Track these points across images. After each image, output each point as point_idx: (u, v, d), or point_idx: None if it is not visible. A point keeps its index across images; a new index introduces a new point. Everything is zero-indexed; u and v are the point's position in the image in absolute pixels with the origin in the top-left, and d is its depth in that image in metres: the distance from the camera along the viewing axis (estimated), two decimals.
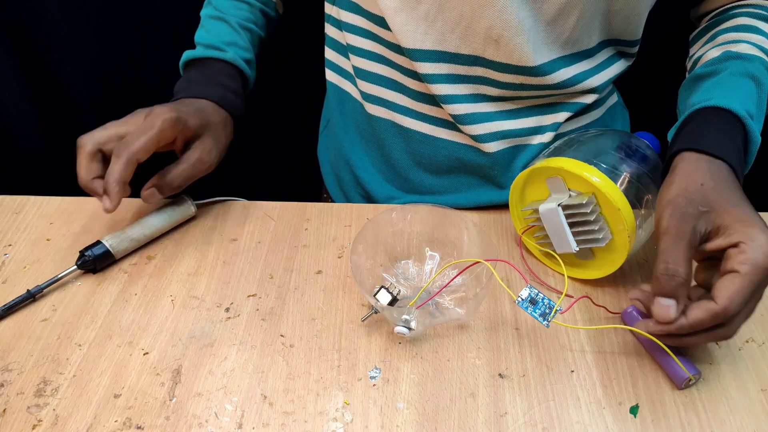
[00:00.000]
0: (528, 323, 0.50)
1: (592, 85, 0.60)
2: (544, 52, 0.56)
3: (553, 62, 0.57)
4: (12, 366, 0.47)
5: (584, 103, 0.62)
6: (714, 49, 0.57)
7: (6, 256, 0.56)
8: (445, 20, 0.55)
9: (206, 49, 0.65)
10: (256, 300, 0.53)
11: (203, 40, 0.66)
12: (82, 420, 0.43)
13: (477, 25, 0.54)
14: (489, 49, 0.55)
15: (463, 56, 0.57)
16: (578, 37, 0.56)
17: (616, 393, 0.45)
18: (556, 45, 0.56)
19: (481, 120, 0.60)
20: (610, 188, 0.48)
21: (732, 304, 0.40)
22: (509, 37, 0.53)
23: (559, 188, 0.52)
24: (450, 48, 0.56)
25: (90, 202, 0.63)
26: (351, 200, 0.73)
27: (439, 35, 0.56)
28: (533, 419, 0.44)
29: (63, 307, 0.52)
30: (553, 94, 0.60)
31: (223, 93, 0.63)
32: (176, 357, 0.48)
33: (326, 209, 0.62)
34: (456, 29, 0.55)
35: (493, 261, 0.47)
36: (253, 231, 0.60)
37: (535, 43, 0.54)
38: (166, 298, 0.53)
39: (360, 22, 0.62)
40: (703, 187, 0.44)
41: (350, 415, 0.44)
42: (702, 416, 0.44)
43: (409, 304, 0.48)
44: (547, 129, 0.62)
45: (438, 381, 0.46)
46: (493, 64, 0.57)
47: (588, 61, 0.59)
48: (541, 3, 0.52)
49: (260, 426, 0.43)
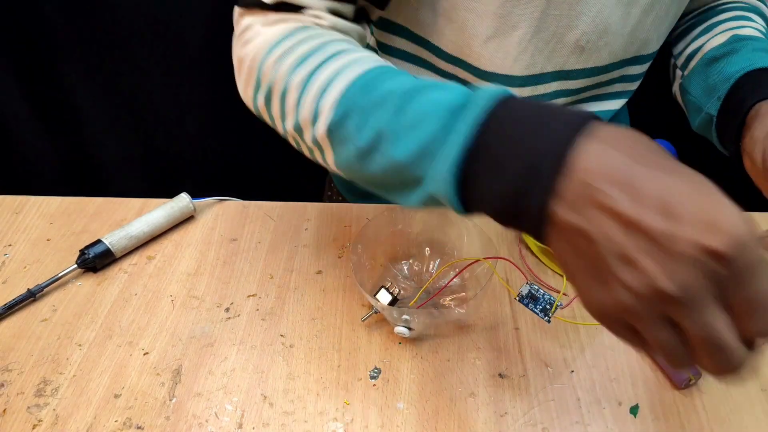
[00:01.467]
0: (528, 323, 0.50)
1: (633, 87, 0.62)
2: (618, 53, 0.56)
3: (623, 61, 0.57)
4: (12, 366, 0.47)
5: (623, 96, 0.63)
6: (717, 36, 0.57)
7: (6, 256, 0.56)
8: (537, 42, 0.52)
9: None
10: (256, 300, 0.53)
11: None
12: (82, 420, 0.43)
13: (568, 37, 0.52)
14: (572, 58, 0.54)
15: (546, 75, 0.55)
16: (649, 39, 0.56)
17: (616, 393, 0.45)
18: (632, 47, 0.56)
19: None
20: None
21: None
22: (595, 41, 0.53)
23: None
24: (535, 71, 0.54)
25: (90, 202, 0.63)
26: (358, 197, 0.73)
27: (529, 60, 0.53)
28: (533, 419, 0.44)
29: (63, 307, 0.52)
30: (605, 92, 0.61)
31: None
32: (176, 357, 0.48)
33: (326, 209, 0.62)
34: (545, 48, 0.52)
35: (492, 259, 0.47)
36: (253, 231, 0.60)
37: (613, 45, 0.54)
38: (166, 298, 0.53)
39: (415, 50, 0.58)
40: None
41: (350, 415, 0.44)
42: (702, 416, 0.44)
43: (409, 304, 0.48)
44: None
45: (438, 381, 0.46)
46: (571, 73, 0.56)
47: (644, 65, 0.60)
48: (631, 6, 0.51)
49: (260, 426, 0.43)
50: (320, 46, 0.40)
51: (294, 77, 0.39)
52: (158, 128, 1.04)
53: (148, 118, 1.03)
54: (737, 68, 0.52)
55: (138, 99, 1.00)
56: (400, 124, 0.33)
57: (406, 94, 0.34)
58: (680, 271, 0.24)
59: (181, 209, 0.59)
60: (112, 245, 0.54)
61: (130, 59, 0.94)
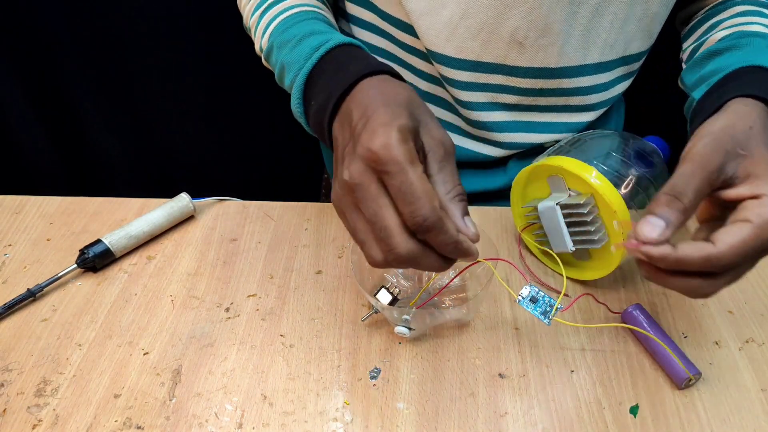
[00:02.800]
0: (528, 323, 0.50)
1: (603, 98, 0.61)
2: (575, 56, 0.56)
3: (582, 67, 0.57)
4: (12, 366, 0.47)
5: (591, 109, 0.62)
6: (721, 31, 0.55)
7: (6, 256, 0.56)
8: (467, 27, 0.54)
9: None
10: (256, 300, 0.53)
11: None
12: (82, 420, 0.43)
13: (501, 29, 0.53)
14: (512, 53, 0.55)
15: (485, 64, 0.56)
16: (614, 42, 0.56)
17: (616, 393, 0.45)
18: (593, 49, 0.56)
19: (499, 129, 0.61)
20: (609, 191, 0.48)
21: (730, 252, 0.35)
22: (534, 38, 0.53)
23: (559, 187, 0.52)
24: (470, 56, 0.56)
25: (90, 202, 0.63)
26: None
27: (460, 42, 0.55)
28: (533, 419, 0.44)
29: (63, 307, 0.52)
30: (567, 104, 0.61)
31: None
32: (176, 357, 0.48)
33: (326, 209, 0.62)
34: (478, 35, 0.54)
35: (493, 260, 0.47)
36: (253, 231, 0.60)
37: (563, 46, 0.54)
38: (166, 298, 0.53)
39: (372, 18, 0.61)
40: (752, 130, 0.39)
41: (350, 415, 0.44)
42: (702, 416, 0.44)
43: (409, 304, 0.48)
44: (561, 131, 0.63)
45: (438, 381, 0.46)
46: (515, 70, 0.56)
47: (611, 73, 0.59)
48: (577, 6, 0.52)
49: (260, 426, 0.43)
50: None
51: (252, 17, 0.56)
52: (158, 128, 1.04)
53: (148, 118, 1.03)
54: (734, 61, 0.49)
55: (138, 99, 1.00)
56: (291, 59, 0.48)
57: (301, 36, 0.49)
58: (354, 165, 0.35)
59: (181, 209, 0.59)
60: (111, 245, 0.54)
61: (130, 59, 0.94)
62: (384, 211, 0.34)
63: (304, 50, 0.47)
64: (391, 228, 0.34)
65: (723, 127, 0.39)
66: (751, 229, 0.35)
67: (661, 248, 0.36)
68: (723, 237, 0.36)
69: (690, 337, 0.50)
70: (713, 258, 0.35)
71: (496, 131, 0.62)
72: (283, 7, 0.54)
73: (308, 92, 0.45)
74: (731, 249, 0.35)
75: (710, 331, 0.50)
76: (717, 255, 0.35)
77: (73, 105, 0.99)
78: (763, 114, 0.41)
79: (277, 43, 0.51)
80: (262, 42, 0.55)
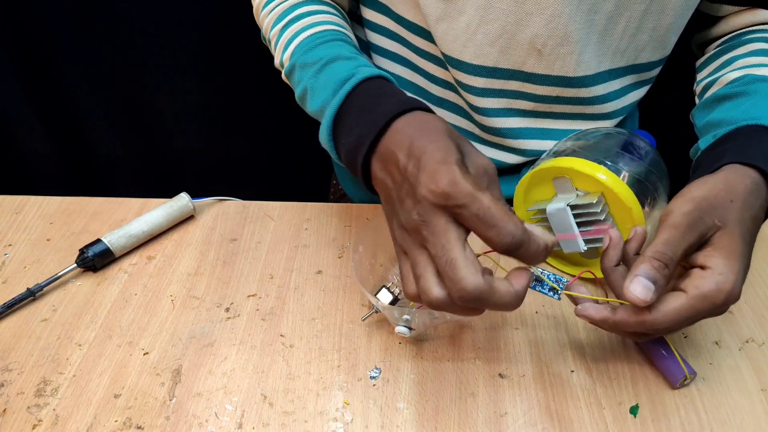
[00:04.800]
0: (528, 323, 0.50)
1: (617, 107, 0.61)
2: (591, 65, 0.55)
3: (597, 75, 0.56)
4: (12, 366, 0.47)
5: (606, 118, 0.62)
6: (733, 72, 0.54)
7: (6, 256, 0.56)
8: (485, 33, 0.53)
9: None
10: (256, 300, 0.53)
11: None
12: (82, 420, 0.43)
13: (520, 36, 0.53)
14: (530, 60, 0.55)
15: (502, 70, 0.56)
16: (625, 49, 0.56)
17: (616, 393, 0.45)
18: (606, 56, 0.56)
19: (513, 135, 0.61)
20: (622, 188, 0.48)
21: (664, 320, 0.39)
22: (553, 46, 0.53)
23: (566, 188, 0.52)
24: (488, 62, 0.55)
25: (90, 202, 0.63)
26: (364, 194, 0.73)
27: (477, 48, 0.55)
28: (533, 419, 0.44)
29: (63, 307, 0.52)
30: (583, 113, 0.61)
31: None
32: (176, 357, 0.48)
33: (326, 209, 0.62)
34: (497, 42, 0.54)
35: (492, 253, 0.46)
36: (253, 231, 0.60)
37: (581, 54, 0.54)
38: (166, 298, 0.53)
39: (387, 23, 0.61)
40: (732, 205, 0.41)
41: (350, 415, 0.44)
42: (702, 416, 0.44)
43: (409, 303, 0.48)
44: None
45: (438, 381, 0.46)
46: (532, 77, 0.56)
47: (621, 80, 0.59)
48: (594, 14, 0.51)
49: (260, 426, 0.43)
50: (294, 6, 0.55)
51: (272, 31, 0.56)
52: (158, 128, 1.04)
53: (148, 118, 1.03)
54: (738, 115, 0.49)
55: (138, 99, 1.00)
56: (316, 85, 0.47)
57: (326, 62, 0.48)
58: (420, 206, 0.35)
59: (181, 209, 0.59)
60: (111, 244, 0.54)
61: (130, 59, 0.94)
62: (452, 244, 0.34)
63: (330, 81, 0.46)
64: (458, 260, 0.34)
65: (705, 196, 0.42)
66: (686, 300, 0.39)
67: (602, 313, 0.42)
68: (659, 305, 0.39)
69: (690, 337, 0.50)
70: (647, 323, 0.40)
71: (510, 138, 0.61)
72: (305, 24, 0.53)
73: (337, 130, 0.44)
74: (665, 317, 0.39)
75: (710, 331, 0.50)
76: (651, 321, 0.39)
77: (73, 105, 0.99)
78: (750, 185, 0.43)
79: (300, 64, 0.51)
80: (282, 58, 0.54)
